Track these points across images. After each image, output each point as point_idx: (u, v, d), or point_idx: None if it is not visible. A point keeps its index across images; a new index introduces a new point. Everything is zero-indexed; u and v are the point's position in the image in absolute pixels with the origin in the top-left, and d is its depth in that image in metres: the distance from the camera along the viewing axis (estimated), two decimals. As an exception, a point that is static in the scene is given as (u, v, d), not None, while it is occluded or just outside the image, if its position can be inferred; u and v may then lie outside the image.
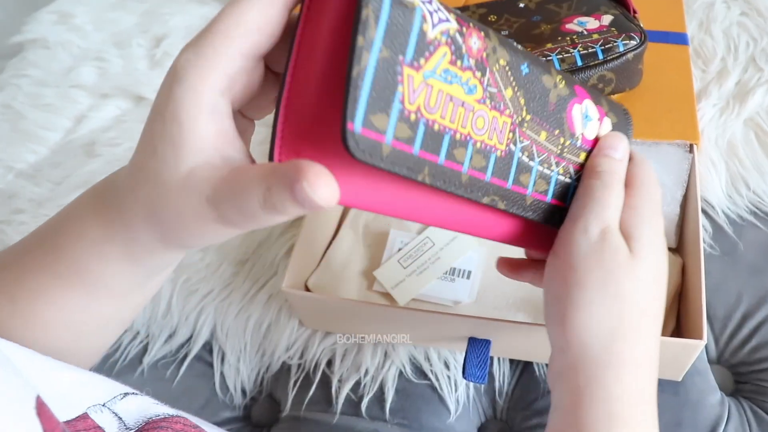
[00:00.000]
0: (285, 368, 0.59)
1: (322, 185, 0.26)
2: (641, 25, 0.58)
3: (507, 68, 0.31)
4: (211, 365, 0.61)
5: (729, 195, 0.61)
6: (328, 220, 0.62)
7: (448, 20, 0.28)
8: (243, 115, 0.34)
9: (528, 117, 0.32)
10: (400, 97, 0.26)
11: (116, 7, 0.96)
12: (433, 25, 0.27)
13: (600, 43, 0.55)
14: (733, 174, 0.61)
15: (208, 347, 0.62)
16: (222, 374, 0.60)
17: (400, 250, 0.59)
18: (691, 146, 0.56)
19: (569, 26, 0.58)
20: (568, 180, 0.36)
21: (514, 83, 0.31)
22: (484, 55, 0.30)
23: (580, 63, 0.55)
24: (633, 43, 0.56)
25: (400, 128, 0.27)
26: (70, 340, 0.42)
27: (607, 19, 0.58)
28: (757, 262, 0.57)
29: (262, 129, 0.43)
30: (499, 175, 0.32)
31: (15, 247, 0.43)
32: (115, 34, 0.91)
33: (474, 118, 0.30)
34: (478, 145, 0.30)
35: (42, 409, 0.30)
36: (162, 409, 0.40)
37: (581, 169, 0.37)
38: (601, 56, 0.55)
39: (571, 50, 0.55)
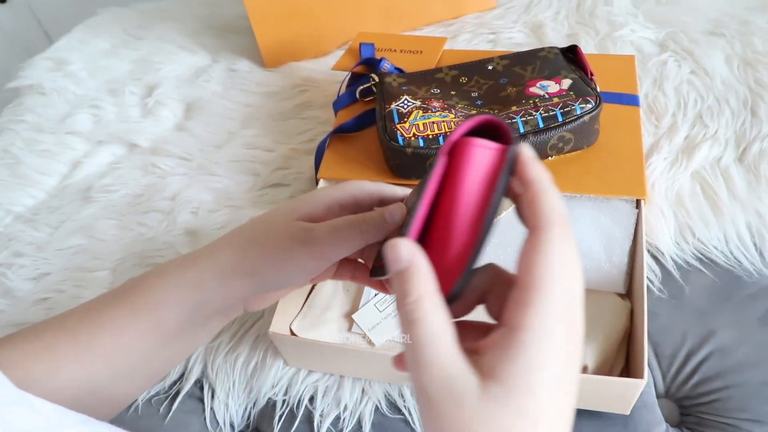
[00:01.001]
0: (270, 404, 0.63)
1: (398, 211, 0.44)
2: (597, 89, 0.64)
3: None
4: (201, 401, 0.65)
5: (677, 242, 0.67)
6: (311, 265, 0.67)
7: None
8: None
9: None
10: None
11: (109, 54, 1.01)
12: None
13: (560, 106, 0.62)
14: (681, 223, 0.67)
15: (198, 384, 0.66)
16: (212, 410, 0.64)
17: (376, 295, 0.64)
18: (638, 202, 0.62)
19: (533, 89, 0.64)
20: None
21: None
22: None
23: (541, 125, 0.61)
24: (589, 106, 0.62)
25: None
26: (118, 373, 0.48)
27: (566, 83, 0.64)
28: (700, 304, 0.63)
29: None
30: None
31: (97, 297, 0.51)
32: (108, 81, 0.96)
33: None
34: None
35: None
36: None
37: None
38: (560, 119, 0.61)
39: (534, 113, 0.61)
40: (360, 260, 0.53)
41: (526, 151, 0.33)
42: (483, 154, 0.33)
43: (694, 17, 0.86)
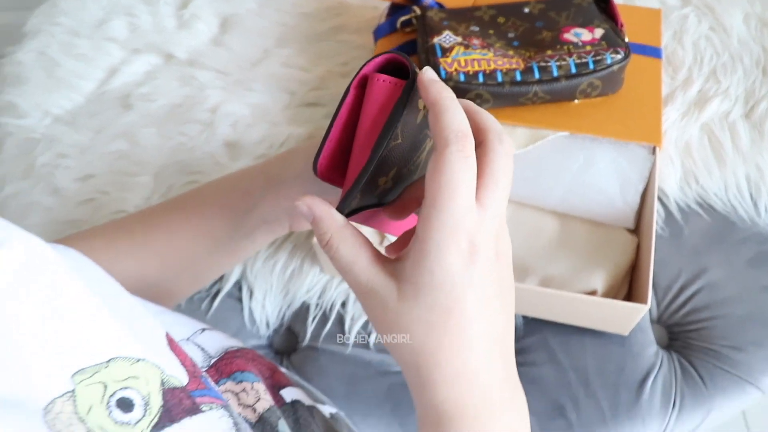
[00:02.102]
0: (305, 307, 0.70)
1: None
2: (626, 41, 0.68)
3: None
4: (240, 300, 0.71)
5: (681, 187, 0.73)
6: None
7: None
8: None
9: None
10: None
11: (141, -39, 1.02)
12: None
13: (592, 54, 0.66)
14: (687, 170, 0.73)
15: (237, 286, 0.72)
16: (250, 309, 0.71)
17: (407, 214, 0.70)
18: (654, 149, 0.68)
19: (567, 36, 0.68)
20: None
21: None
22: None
23: (574, 70, 0.66)
24: (618, 57, 0.66)
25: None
26: (168, 270, 0.53)
27: (599, 32, 0.68)
28: (697, 244, 0.70)
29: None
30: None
31: (153, 205, 0.56)
32: (142, -11, 0.97)
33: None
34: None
35: (173, 344, 0.40)
36: (233, 342, 0.51)
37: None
38: (591, 66, 0.66)
39: (568, 59, 0.66)
40: None
41: (425, 75, 0.35)
42: (384, 87, 0.37)
43: (718, -27, 0.89)
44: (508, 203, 0.45)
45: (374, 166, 0.36)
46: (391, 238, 0.66)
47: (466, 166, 0.33)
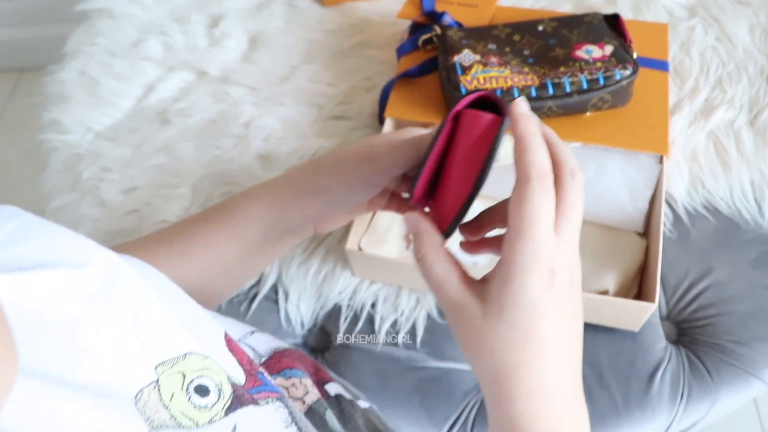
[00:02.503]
0: (337, 308, 0.76)
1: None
2: (634, 57, 0.73)
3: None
4: (276, 302, 0.77)
5: (688, 192, 0.77)
6: (374, 194, 0.77)
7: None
8: None
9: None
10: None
11: (172, -18, 1.07)
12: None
13: (602, 70, 0.71)
14: (694, 176, 0.78)
15: (274, 289, 0.77)
16: (286, 310, 0.76)
17: (431, 221, 0.75)
18: (661, 158, 0.72)
19: (578, 53, 0.73)
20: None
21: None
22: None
23: (585, 86, 0.71)
24: (627, 72, 0.71)
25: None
26: (206, 279, 0.58)
27: (608, 49, 0.73)
28: (703, 246, 0.75)
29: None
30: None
31: (191, 215, 0.60)
32: (173, 9, 1.03)
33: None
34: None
35: (231, 344, 0.46)
36: (279, 343, 0.56)
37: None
38: (602, 82, 0.71)
39: (579, 75, 0.71)
40: (404, 195, 0.61)
41: (516, 108, 0.39)
42: (479, 122, 0.42)
43: (724, -15, 0.93)
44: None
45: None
46: None
47: (546, 200, 0.37)
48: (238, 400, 0.40)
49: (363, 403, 0.59)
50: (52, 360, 0.33)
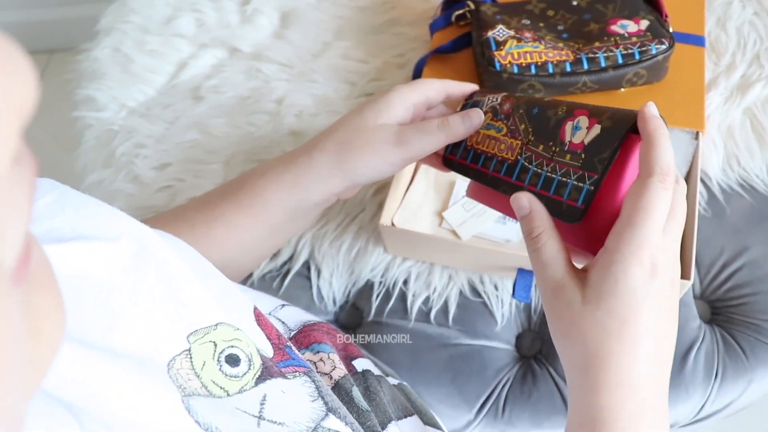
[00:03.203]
0: (369, 284, 0.76)
1: (476, 115, 0.54)
2: (671, 31, 0.72)
3: (523, 114, 0.52)
4: (308, 279, 0.78)
5: (723, 169, 0.77)
6: (405, 170, 0.77)
7: (496, 100, 0.55)
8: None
9: (533, 138, 0.50)
10: (465, 140, 0.56)
11: (202, -41, 1.07)
12: (485, 105, 0.56)
13: (638, 45, 0.70)
14: (729, 153, 0.77)
15: (306, 266, 0.78)
16: (318, 287, 0.77)
17: (464, 196, 0.75)
18: (697, 134, 0.71)
19: (614, 28, 0.72)
20: (553, 176, 0.46)
21: (526, 119, 0.51)
22: (510, 110, 0.53)
23: (620, 61, 0.70)
24: (663, 47, 0.70)
25: (462, 153, 0.56)
26: (229, 258, 0.58)
27: (644, 24, 0.72)
28: (738, 224, 0.74)
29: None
30: (507, 174, 0.50)
31: (208, 192, 0.59)
32: (205, -14, 1.03)
33: (498, 144, 0.52)
34: (499, 158, 0.52)
35: (260, 318, 0.46)
36: (309, 316, 0.57)
37: (565, 165, 0.45)
38: (637, 57, 0.70)
39: (614, 50, 0.70)
40: None
41: (647, 110, 0.41)
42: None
43: (762, -41, 0.91)
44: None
45: None
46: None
47: (664, 196, 0.38)
48: (267, 371, 0.41)
49: (393, 380, 0.59)
50: (88, 326, 0.34)
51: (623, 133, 0.42)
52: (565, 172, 0.45)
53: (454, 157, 0.57)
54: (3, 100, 0.16)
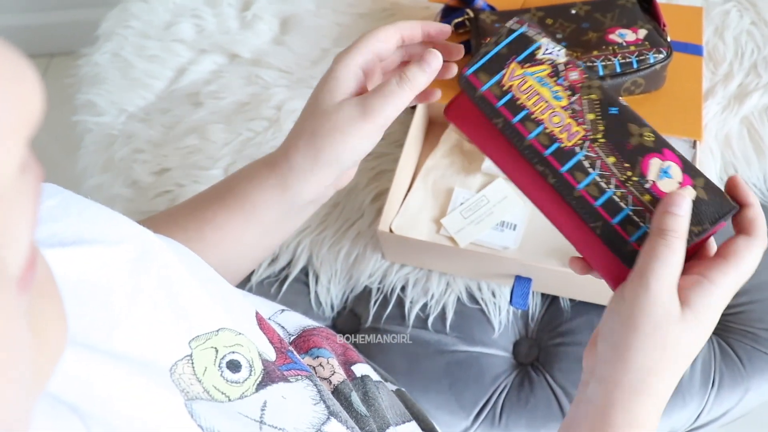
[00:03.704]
0: (367, 290, 0.76)
1: (434, 59, 0.49)
2: (668, 40, 0.72)
3: (596, 102, 0.46)
4: (307, 285, 0.78)
5: (721, 178, 0.77)
6: (404, 177, 0.77)
7: (559, 56, 0.48)
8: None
9: (602, 140, 0.45)
10: (502, 74, 0.48)
11: (203, -35, 1.08)
12: (543, 53, 0.48)
13: (636, 54, 0.70)
14: (726, 162, 0.77)
15: (304, 271, 0.78)
16: (316, 292, 0.77)
17: (462, 204, 0.76)
18: (694, 143, 0.72)
19: (612, 37, 0.73)
20: (623, 204, 0.44)
21: (599, 113, 0.46)
22: (579, 85, 0.47)
23: (619, 70, 0.70)
24: (661, 56, 0.71)
25: (493, 88, 0.48)
26: (225, 260, 0.58)
27: (642, 33, 0.73)
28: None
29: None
30: (556, 158, 0.45)
31: (195, 196, 0.59)
32: (205, -8, 1.04)
33: (552, 114, 0.46)
34: (548, 131, 0.46)
35: (262, 323, 0.46)
36: (309, 321, 0.57)
37: (640, 204, 0.44)
38: (635, 66, 0.70)
39: (613, 59, 0.70)
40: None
41: (739, 181, 0.45)
42: None
43: (760, -32, 0.92)
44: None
45: None
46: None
47: (758, 255, 0.43)
48: (268, 377, 0.41)
49: (391, 386, 0.59)
50: (90, 330, 0.34)
51: (718, 220, 0.44)
52: (639, 211, 0.44)
53: (478, 84, 0.48)
54: (11, 110, 0.16)
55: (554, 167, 0.45)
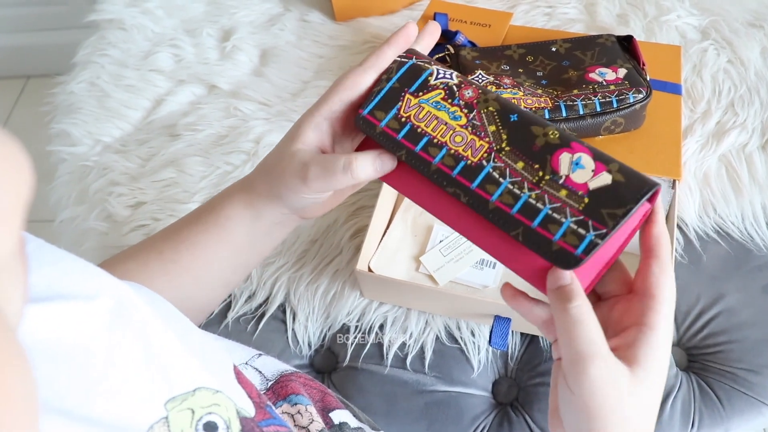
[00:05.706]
0: (345, 329, 0.75)
1: (388, 161, 0.49)
2: (648, 80, 0.73)
3: (495, 114, 0.46)
4: (284, 322, 0.76)
5: (700, 216, 0.77)
6: (383, 214, 0.77)
7: (451, 79, 0.48)
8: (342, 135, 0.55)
9: (507, 148, 0.44)
10: (398, 107, 0.48)
11: (183, -7, 1.07)
12: (435, 79, 0.48)
13: (615, 94, 0.71)
14: (705, 200, 0.77)
15: (281, 308, 0.77)
16: (293, 330, 0.76)
17: (441, 241, 0.75)
18: (674, 182, 0.72)
19: (592, 75, 0.73)
20: (540, 205, 0.43)
21: (499, 123, 0.46)
22: (475, 101, 0.47)
23: (599, 109, 0.70)
24: (640, 96, 0.71)
25: (391, 122, 0.48)
26: (198, 286, 0.57)
27: (622, 72, 0.73)
28: (714, 271, 0.74)
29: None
30: (464, 176, 0.45)
31: (178, 220, 0.59)
32: (185, 21, 1.03)
33: (453, 135, 0.46)
34: (452, 151, 0.46)
35: (240, 376, 0.45)
36: (286, 366, 0.56)
37: (558, 201, 0.42)
38: (615, 105, 0.70)
39: (593, 98, 0.70)
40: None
41: (657, 211, 0.45)
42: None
43: (737, 7, 0.93)
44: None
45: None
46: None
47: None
48: None
49: (370, 430, 0.58)
50: (66, 394, 0.33)
51: (641, 199, 0.41)
52: (558, 208, 0.42)
53: (376, 122, 0.48)
54: (6, 196, 0.17)
55: (465, 185, 0.45)
